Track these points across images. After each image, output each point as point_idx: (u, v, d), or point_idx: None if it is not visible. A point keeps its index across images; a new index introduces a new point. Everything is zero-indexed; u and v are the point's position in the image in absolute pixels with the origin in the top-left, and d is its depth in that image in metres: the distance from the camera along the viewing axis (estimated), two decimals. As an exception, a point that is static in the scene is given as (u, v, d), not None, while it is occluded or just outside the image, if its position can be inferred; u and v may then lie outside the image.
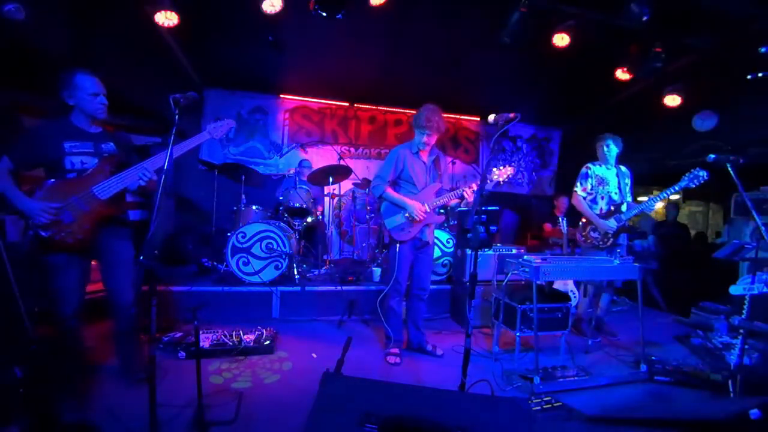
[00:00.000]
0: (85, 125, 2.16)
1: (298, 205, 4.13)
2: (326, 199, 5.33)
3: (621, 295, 4.87)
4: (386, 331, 2.97)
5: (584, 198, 3.48)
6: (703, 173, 2.89)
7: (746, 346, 2.56)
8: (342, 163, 4.92)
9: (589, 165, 3.52)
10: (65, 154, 2.07)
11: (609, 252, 3.37)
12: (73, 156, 2.09)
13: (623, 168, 3.54)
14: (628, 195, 3.48)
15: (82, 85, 2.07)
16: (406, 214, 2.81)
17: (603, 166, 3.50)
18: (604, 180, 3.45)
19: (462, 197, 2.86)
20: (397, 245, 2.86)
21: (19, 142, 2.10)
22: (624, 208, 3.33)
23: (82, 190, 2.04)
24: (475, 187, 2.76)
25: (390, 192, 2.87)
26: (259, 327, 3.10)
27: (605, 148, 3.46)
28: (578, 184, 3.51)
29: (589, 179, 3.47)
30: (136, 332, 2.40)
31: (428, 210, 2.81)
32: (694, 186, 2.93)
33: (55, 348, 2.16)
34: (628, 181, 3.52)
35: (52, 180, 2.05)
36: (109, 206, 2.11)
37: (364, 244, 5.54)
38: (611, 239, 3.35)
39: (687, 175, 2.95)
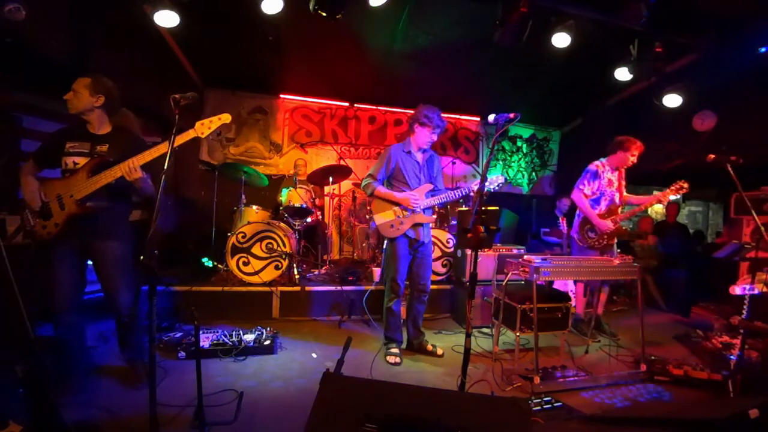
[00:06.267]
0: (92, 126, 2.19)
1: (298, 205, 4.14)
2: (326, 199, 5.33)
3: (621, 294, 4.87)
4: (385, 331, 2.97)
5: (586, 197, 3.46)
6: (686, 185, 3.03)
7: (746, 346, 2.56)
8: (342, 163, 4.92)
9: (599, 164, 3.45)
10: (64, 154, 2.12)
11: (603, 252, 3.38)
12: (68, 156, 2.12)
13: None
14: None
15: None
16: (396, 209, 2.78)
17: (608, 167, 3.47)
18: (611, 181, 3.45)
19: (466, 195, 2.84)
20: (391, 244, 2.84)
21: (41, 144, 2.21)
22: (620, 211, 3.35)
23: (62, 189, 2.07)
24: (476, 188, 2.76)
25: (380, 189, 2.85)
26: (259, 327, 3.10)
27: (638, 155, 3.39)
28: (585, 182, 3.46)
29: (599, 179, 3.43)
30: (137, 332, 2.40)
31: (421, 201, 2.80)
32: (678, 196, 3.07)
33: (55, 347, 2.16)
34: (624, 182, 3.52)
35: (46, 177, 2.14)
36: (85, 206, 2.08)
37: (364, 244, 5.54)
38: (606, 240, 3.37)
39: (673, 187, 3.07)
